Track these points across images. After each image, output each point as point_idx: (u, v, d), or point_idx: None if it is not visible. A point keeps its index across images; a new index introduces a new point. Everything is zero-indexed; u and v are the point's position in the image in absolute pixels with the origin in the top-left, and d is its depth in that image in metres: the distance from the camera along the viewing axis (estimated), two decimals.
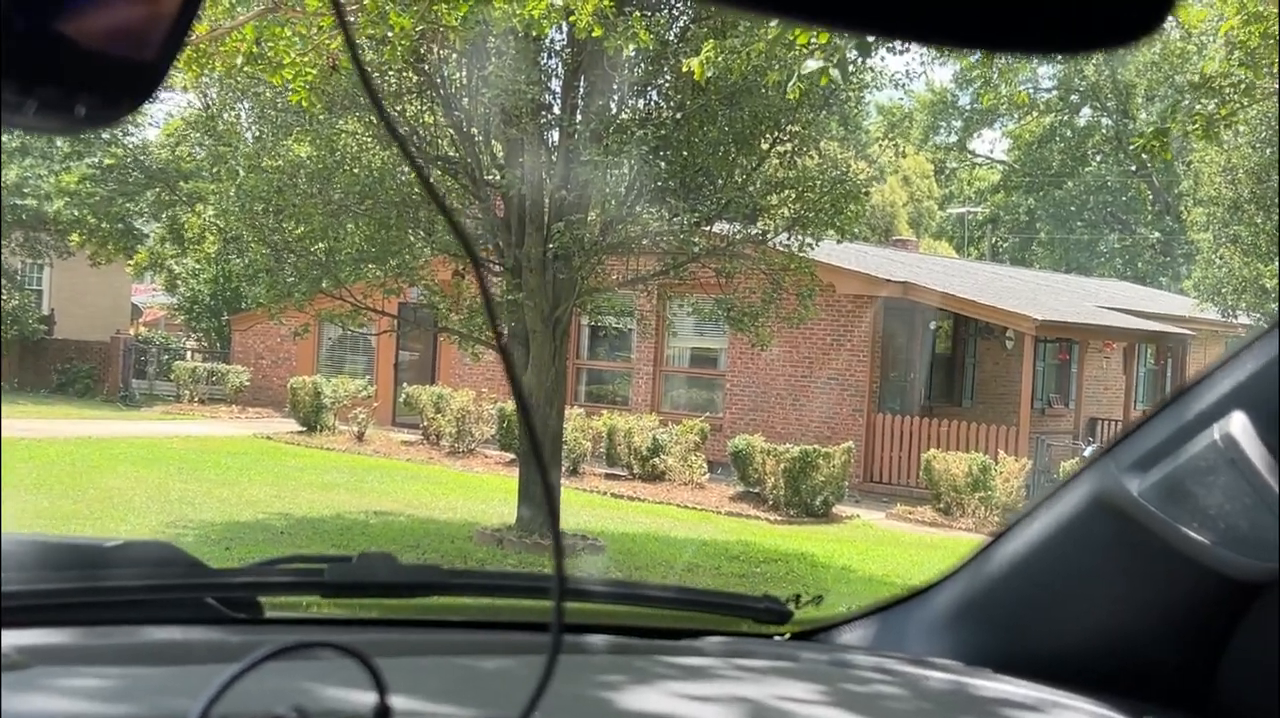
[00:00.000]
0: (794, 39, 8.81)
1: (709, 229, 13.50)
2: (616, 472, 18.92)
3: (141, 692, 1.07)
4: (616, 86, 12.92)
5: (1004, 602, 1.62)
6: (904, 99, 48.36)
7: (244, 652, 0.82)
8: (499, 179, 12.90)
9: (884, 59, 13.28)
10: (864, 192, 14.16)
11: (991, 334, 23.42)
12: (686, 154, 12.72)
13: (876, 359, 20.91)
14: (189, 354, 29.10)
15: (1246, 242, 22.35)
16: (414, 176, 13.11)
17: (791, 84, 9.89)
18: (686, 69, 10.93)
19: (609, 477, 18.66)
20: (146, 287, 35.20)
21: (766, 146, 13.36)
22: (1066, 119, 48.07)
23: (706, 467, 18.69)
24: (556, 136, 13.00)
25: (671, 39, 12.32)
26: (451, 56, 12.60)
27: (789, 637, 1.72)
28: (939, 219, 50.01)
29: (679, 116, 12.72)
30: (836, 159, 15.08)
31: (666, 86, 12.89)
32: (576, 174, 12.48)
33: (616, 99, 13.05)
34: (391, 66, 11.79)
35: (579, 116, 12.95)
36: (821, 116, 13.81)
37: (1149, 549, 1.43)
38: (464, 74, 12.72)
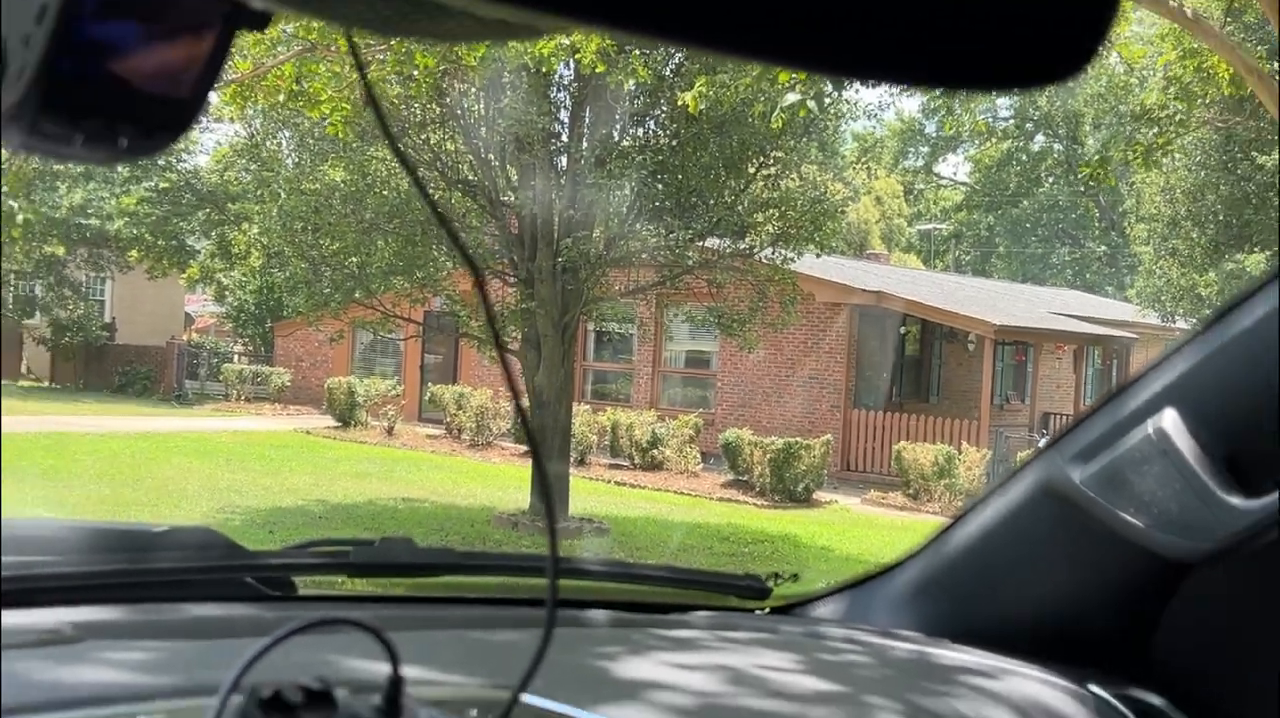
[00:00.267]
0: (776, 75, 8.79)
1: (701, 244, 13.50)
2: (619, 462, 18.90)
3: (182, 663, 1.07)
4: (618, 117, 12.92)
5: (961, 579, 1.62)
6: (876, 127, 48.30)
7: (278, 626, 0.82)
8: (513, 200, 12.90)
9: (858, 92, 13.26)
10: (840, 210, 14.17)
11: (955, 338, 23.39)
12: (681, 177, 12.72)
13: (852, 360, 20.89)
14: (236, 358, 29.07)
15: (1183, 254, 22.34)
16: (437, 195, 13.12)
17: (774, 114, 9.90)
18: (681, 101, 10.93)
19: (612, 466, 18.65)
20: (198, 297, 35.16)
21: (753, 170, 13.36)
22: (1022, 145, 48.04)
23: (700, 457, 18.68)
24: (564, 162, 13.00)
25: (667, 74, 12.32)
26: (470, 90, 12.59)
27: (769, 611, 1.72)
28: (908, 235, 49.97)
29: (674, 143, 12.72)
30: (816, 181, 15.02)
31: (663, 117, 12.89)
32: (582, 195, 12.49)
33: (618, 128, 13.05)
34: (417, 100, 11.79)
35: (584, 144, 12.95)
36: (802, 143, 13.79)
37: (1090, 532, 1.43)
38: (482, 106, 12.72)
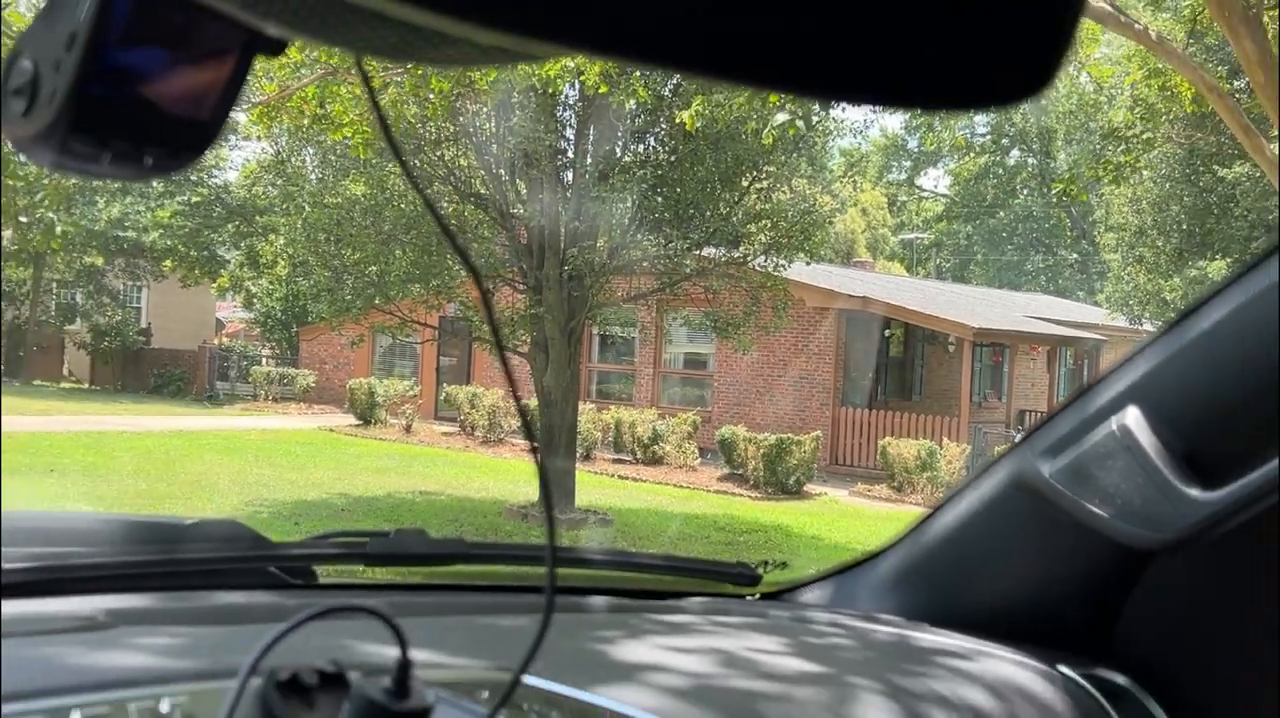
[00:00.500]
0: (767, 95, 8.79)
1: (698, 253, 13.49)
2: (622, 457, 18.89)
3: (208, 648, 1.07)
4: (620, 134, 12.92)
5: (939, 567, 1.62)
6: (862, 143, 48.37)
7: (298, 613, 0.82)
8: (522, 212, 12.90)
9: (844, 110, 13.25)
10: (828, 221, 14.17)
11: (936, 340, 23.38)
12: (679, 190, 12.72)
13: (839, 361, 20.87)
14: (264, 360, 29.06)
15: (1149, 261, 22.36)
16: (451, 208, 13.11)
17: (766, 132, 9.89)
18: (679, 119, 10.93)
19: (616, 461, 18.63)
20: (228, 304, 35.17)
21: (746, 184, 13.35)
22: (998, 159, 48.03)
23: (698, 452, 18.66)
24: (570, 176, 13.00)
25: (666, 94, 12.32)
26: (482, 110, 12.59)
27: (759, 597, 1.71)
28: (892, 244, 49.97)
29: (672, 159, 12.72)
30: (805, 194, 15.02)
31: (662, 134, 12.89)
32: (587, 208, 12.48)
33: (620, 145, 13.05)
34: (432, 120, 11.79)
35: (588, 159, 12.94)
36: (792, 159, 13.79)
37: (1059, 523, 1.43)
38: (493, 125, 12.72)
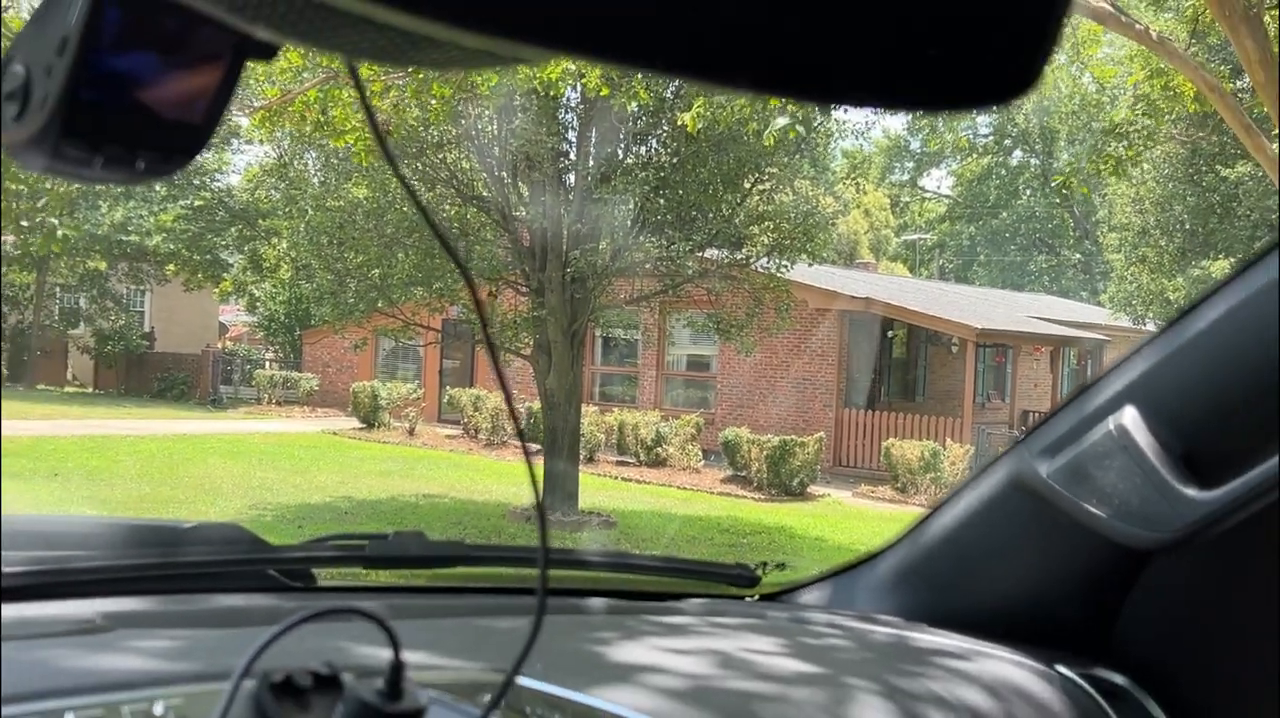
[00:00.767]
0: (768, 98, 8.80)
1: (701, 255, 13.49)
2: (626, 459, 18.88)
3: (205, 651, 1.06)
4: (621, 136, 12.92)
5: (938, 567, 1.62)
6: (864, 144, 48.41)
7: (293, 615, 0.82)
8: (525, 215, 12.90)
9: (846, 112, 13.23)
10: (831, 222, 14.16)
11: (939, 341, 23.36)
12: (681, 193, 12.72)
13: (842, 362, 20.87)
14: (267, 364, 29.10)
15: (1152, 261, 22.35)
16: (453, 211, 13.12)
17: (767, 134, 9.89)
18: (680, 121, 10.93)
19: (619, 463, 18.63)
20: (231, 308, 35.19)
21: (749, 186, 13.35)
22: (1001, 160, 47.98)
23: (701, 454, 18.66)
24: (572, 179, 13.00)
25: (667, 96, 12.32)
26: (484, 113, 12.60)
27: (758, 598, 1.71)
28: (895, 245, 49.94)
29: (674, 161, 12.72)
30: (807, 196, 15.01)
31: (664, 136, 12.89)
32: (589, 210, 12.49)
33: (622, 147, 13.05)
34: (434, 124, 11.80)
35: (590, 162, 12.94)
36: (794, 160, 13.79)
37: (1057, 522, 1.43)
38: (495, 128, 12.72)
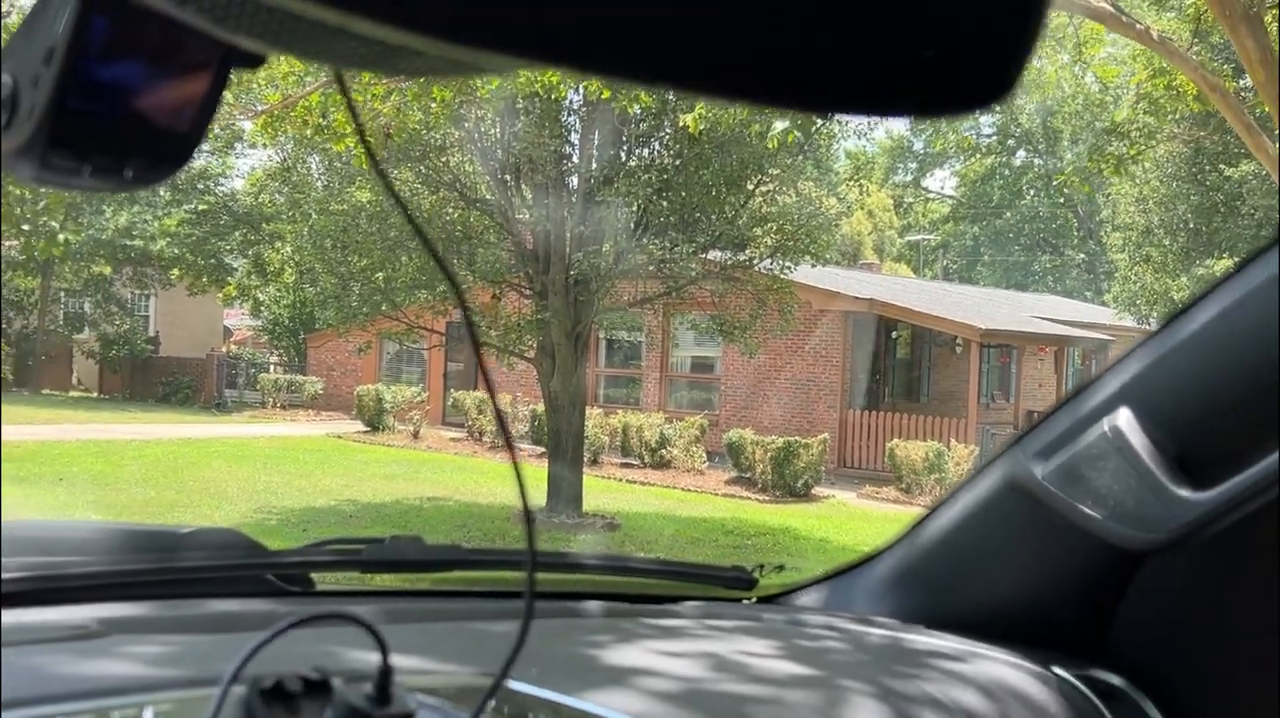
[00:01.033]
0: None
1: (704, 257, 13.51)
2: (630, 461, 18.88)
3: (199, 656, 1.06)
4: (624, 139, 12.93)
5: (934, 568, 1.62)
6: (867, 145, 48.28)
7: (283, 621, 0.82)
8: (528, 218, 12.91)
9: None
10: (834, 224, 14.18)
11: (943, 341, 23.35)
12: (684, 194, 12.72)
13: (846, 363, 20.85)
14: (272, 368, 29.10)
15: (1156, 261, 22.33)
16: (457, 214, 13.13)
17: (771, 136, 9.90)
18: (683, 123, 10.95)
19: (624, 465, 18.62)
20: (236, 312, 35.21)
21: (752, 187, 13.36)
22: (1005, 160, 47.93)
23: (705, 456, 18.65)
24: (575, 181, 13.01)
25: (670, 98, 12.33)
26: (487, 116, 12.61)
27: (755, 601, 1.71)
28: (898, 245, 49.90)
29: (677, 163, 12.72)
30: (811, 197, 15.02)
31: (666, 138, 12.90)
32: (592, 212, 12.50)
33: (624, 149, 13.06)
34: (435, 128, 11.81)
35: (593, 164, 12.96)
36: (798, 161, 13.79)
37: (1052, 524, 1.43)
38: (498, 131, 12.73)
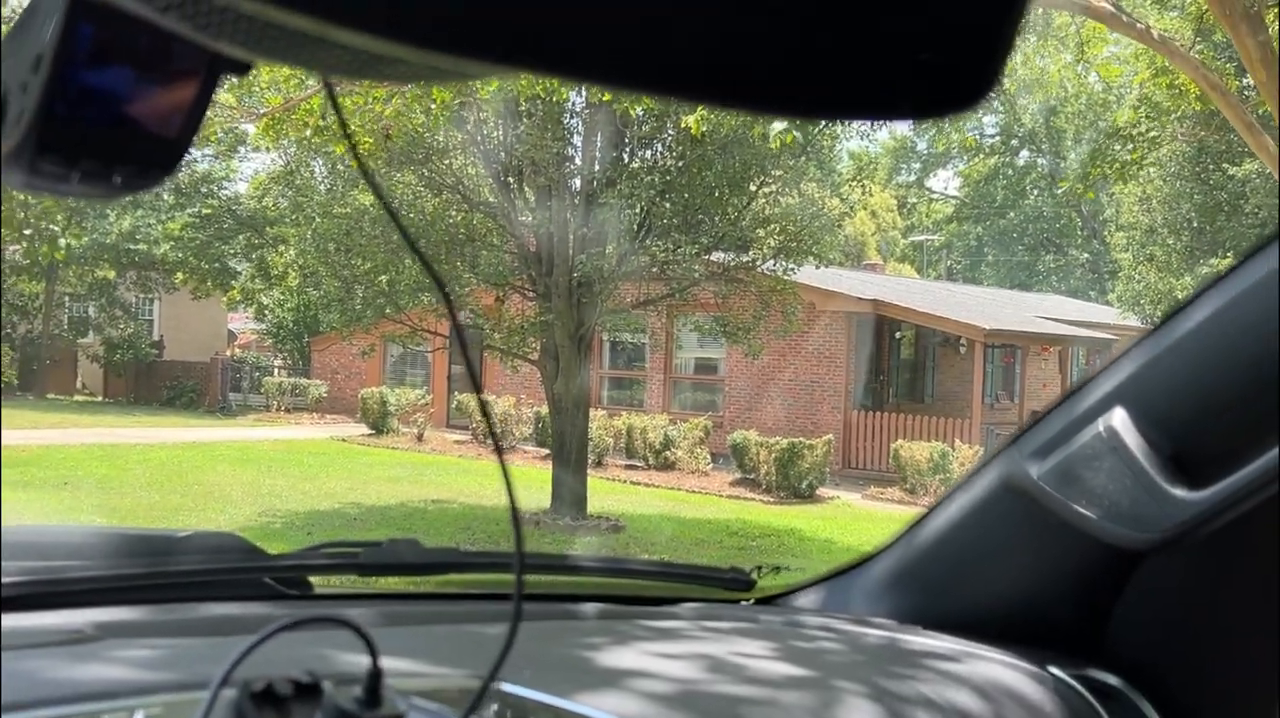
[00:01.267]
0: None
1: (707, 258, 13.50)
2: (634, 463, 18.88)
3: (190, 659, 1.06)
4: (627, 140, 12.94)
5: (931, 569, 1.62)
6: (870, 145, 48.27)
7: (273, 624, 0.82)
8: (531, 220, 12.91)
9: None
10: (837, 224, 14.17)
11: (947, 342, 23.33)
12: (687, 196, 12.72)
13: (851, 364, 20.84)
14: (276, 371, 29.11)
15: (1160, 260, 22.31)
16: (460, 217, 13.14)
17: (774, 137, 9.90)
18: (685, 125, 10.94)
19: (628, 467, 18.63)
20: (240, 315, 35.23)
21: (754, 188, 13.36)
22: (1008, 160, 47.87)
23: (710, 458, 18.64)
24: (578, 183, 13.02)
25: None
26: (489, 119, 12.62)
27: (753, 602, 1.71)
28: (902, 246, 49.89)
29: (680, 165, 12.73)
30: (814, 198, 15.02)
31: (669, 139, 12.90)
32: (595, 214, 12.50)
33: (627, 151, 13.06)
34: (435, 129, 11.82)
35: (596, 166, 12.96)
36: (800, 162, 13.79)
37: (1048, 524, 1.43)
38: (500, 133, 12.74)
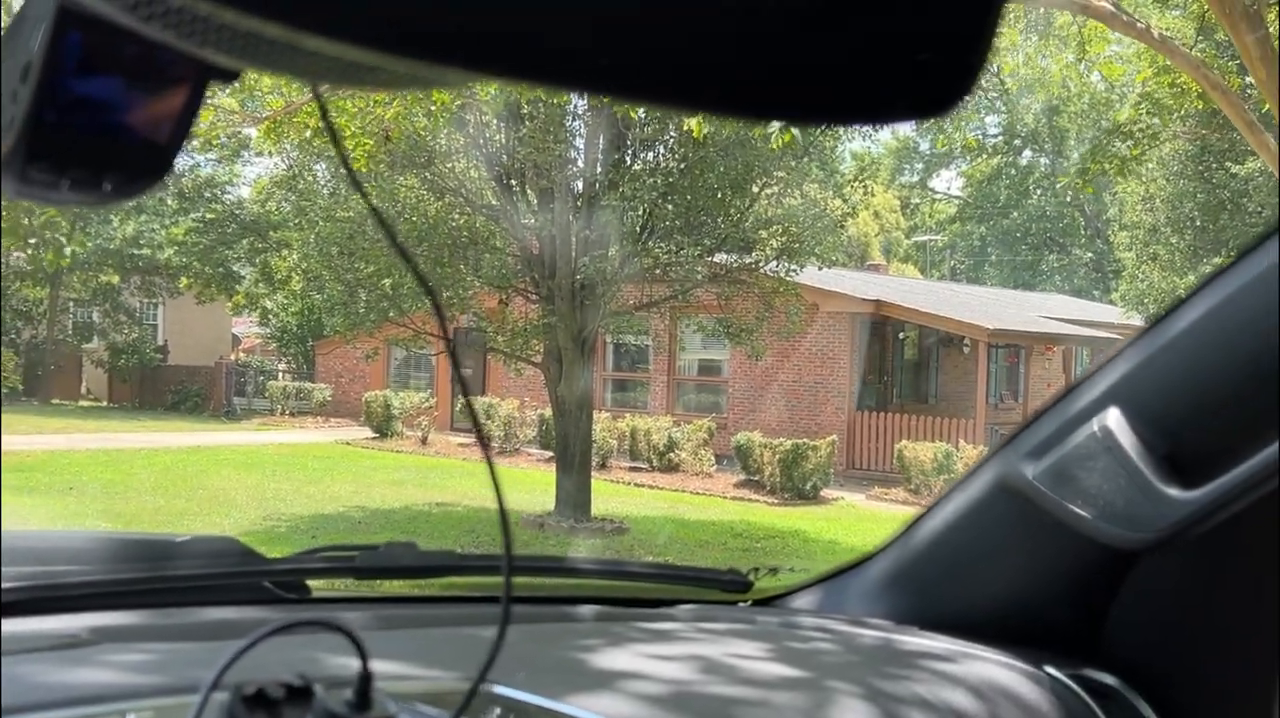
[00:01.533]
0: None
1: (710, 260, 13.50)
2: (638, 465, 18.88)
3: (183, 663, 1.06)
4: (629, 142, 12.94)
5: (927, 569, 1.62)
6: (873, 146, 48.32)
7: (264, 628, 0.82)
8: (533, 222, 12.91)
9: None
10: (840, 225, 14.15)
11: (951, 342, 23.31)
12: (689, 198, 12.72)
13: (854, 365, 20.83)
14: (280, 375, 29.12)
15: (1164, 259, 22.27)
16: (463, 219, 13.14)
17: (775, 138, 9.90)
18: (687, 127, 10.95)
19: (632, 469, 18.62)
20: (244, 320, 35.24)
21: (757, 190, 13.35)
22: (1011, 160, 47.84)
23: (714, 459, 18.64)
24: (580, 186, 13.01)
25: None
26: (491, 121, 12.62)
27: (750, 604, 1.72)
28: (905, 246, 49.86)
29: (682, 166, 12.73)
30: (816, 199, 15.01)
31: (671, 141, 12.90)
32: (597, 217, 12.51)
33: (629, 153, 13.07)
34: (436, 130, 11.82)
35: (598, 168, 12.96)
36: (803, 163, 13.79)
37: (1043, 524, 1.43)
38: (502, 136, 12.74)
